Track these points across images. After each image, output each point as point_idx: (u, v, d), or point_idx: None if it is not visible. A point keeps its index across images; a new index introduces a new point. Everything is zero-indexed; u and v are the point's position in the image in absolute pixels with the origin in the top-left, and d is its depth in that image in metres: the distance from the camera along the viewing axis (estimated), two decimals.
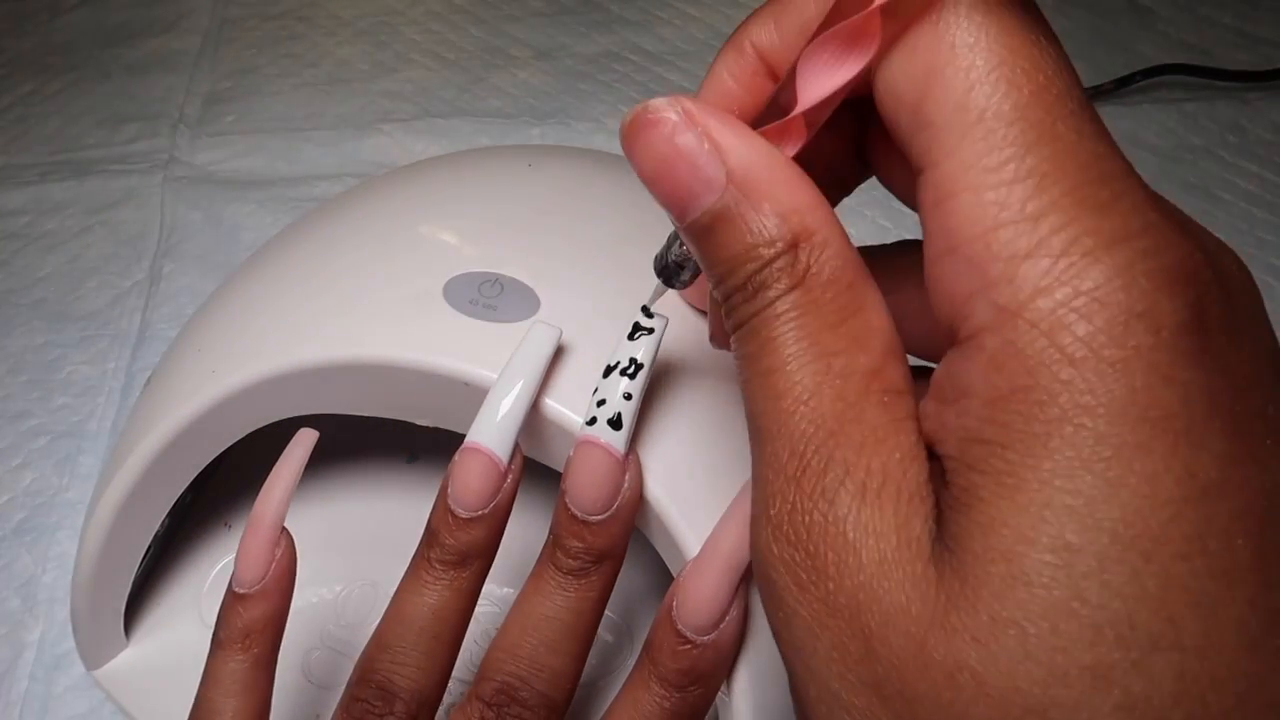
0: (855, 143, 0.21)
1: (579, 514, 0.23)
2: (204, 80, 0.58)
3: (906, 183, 0.20)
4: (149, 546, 0.33)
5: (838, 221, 0.17)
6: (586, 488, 0.23)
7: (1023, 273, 0.15)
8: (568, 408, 0.26)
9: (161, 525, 0.32)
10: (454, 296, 0.28)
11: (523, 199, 0.31)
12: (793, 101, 0.18)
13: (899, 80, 0.16)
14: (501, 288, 0.28)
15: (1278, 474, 0.15)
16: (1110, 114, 0.54)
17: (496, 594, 0.35)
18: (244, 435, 0.30)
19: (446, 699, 0.25)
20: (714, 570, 0.23)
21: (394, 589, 0.25)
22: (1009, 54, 0.15)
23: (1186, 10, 0.60)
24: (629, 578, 0.27)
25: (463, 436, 0.24)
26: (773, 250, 0.17)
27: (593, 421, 0.24)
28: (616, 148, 0.61)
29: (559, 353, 0.26)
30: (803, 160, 0.18)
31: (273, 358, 0.28)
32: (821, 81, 0.17)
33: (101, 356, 0.46)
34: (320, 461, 0.26)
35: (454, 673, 0.25)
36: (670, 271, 0.22)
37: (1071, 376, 0.15)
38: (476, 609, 0.25)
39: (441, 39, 0.60)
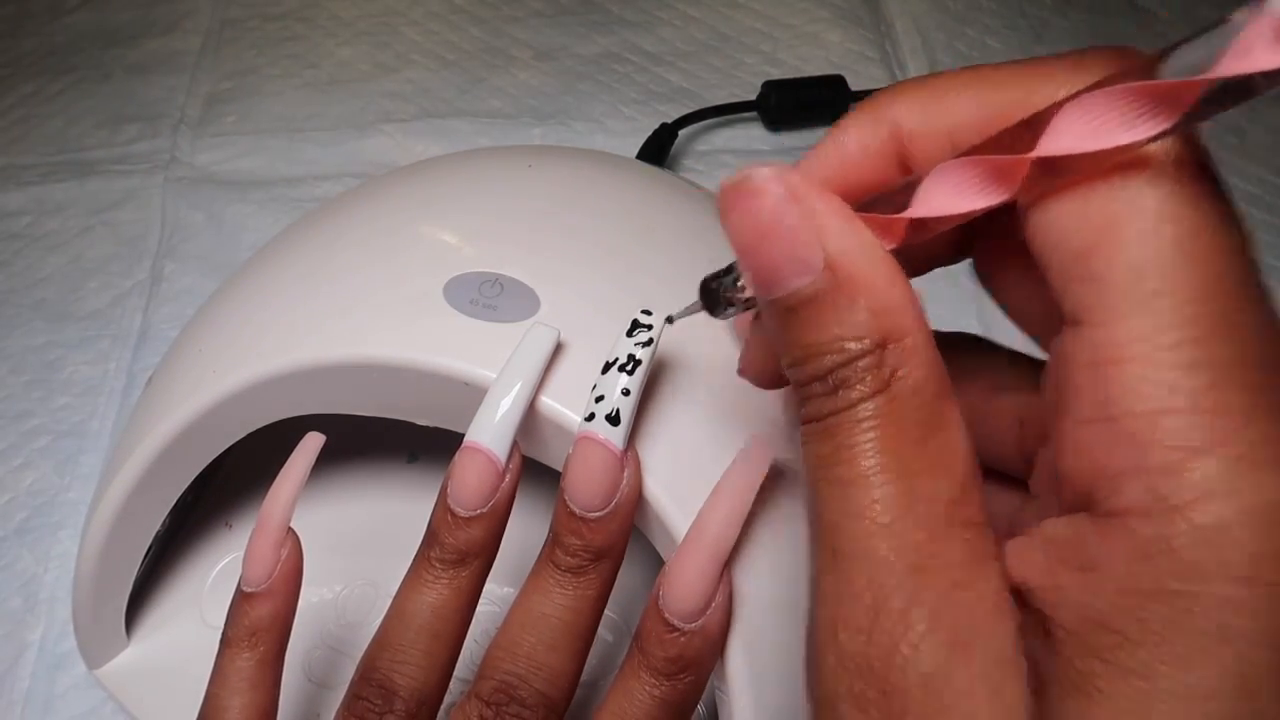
0: (959, 233, 0.21)
1: (578, 511, 0.24)
2: (205, 81, 0.58)
3: (1018, 295, 0.20)
4: (150, 546, 0.33)
5: (929, 328, 0.17)
6: (585, 483, 0.23)
7: (1192, 469, 0.14)
8: (568, 407, 0.26)
9: (163, 525, 0.33)
10: (454, 296, 0.28)
11: (523, 199, 0.31)
12: (908, 201, 0.17)
13: (1068, 226, 0.16)
14: (501, 288, 0.28)
15: None
16: None
17: (497, 594, 0.35)
18: (244, 435, 0.30)
19: (447, 699, 0.25)
20: (698, 557, 0.23)
21: (394, 589, 0.25)
22: (1197, 228, 0.15)
23: (1186, 11, 0.60)
24: (629, 577, 0.27)
25: (463, 436, 0.25)
26: (860, 346, 0.16)
27: (591, 417, 0.24)
28: (616, 148, 0.61)
29: (558, 352, 0.26)
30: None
31: (273, 358, 0.28)
32: (947, 199, 0.17)
33: (103, 356, 0.46)
34: (321, 461, 0.26)
35: (455, 672, 0.25)
36: (716, 300, 0.21)
37: (1231, 595, 0.14)
38: (477, 609, 0.25)
39: (441, 39, 0.60)
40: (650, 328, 0.24)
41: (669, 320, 0.24)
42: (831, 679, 0.16)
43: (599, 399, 0.24)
